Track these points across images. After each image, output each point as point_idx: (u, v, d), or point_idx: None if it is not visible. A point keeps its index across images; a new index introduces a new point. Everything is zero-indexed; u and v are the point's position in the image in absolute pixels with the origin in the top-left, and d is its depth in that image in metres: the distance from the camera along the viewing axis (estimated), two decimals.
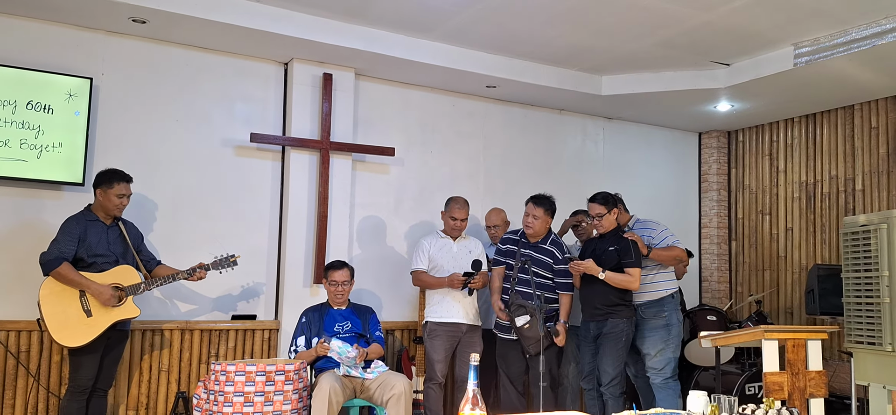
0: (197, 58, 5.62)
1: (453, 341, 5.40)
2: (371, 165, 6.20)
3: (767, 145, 7.65)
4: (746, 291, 7.73)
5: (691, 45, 5.84)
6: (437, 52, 5.89)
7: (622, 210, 5.49)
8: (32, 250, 4.88)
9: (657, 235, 5.39)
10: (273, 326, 5.72)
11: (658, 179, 7.78)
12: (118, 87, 5.35)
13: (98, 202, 4.75)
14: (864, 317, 5.29)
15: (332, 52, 5.63)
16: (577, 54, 6.11)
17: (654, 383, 5.29)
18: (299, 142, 5.77)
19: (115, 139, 5.31)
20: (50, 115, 5.01)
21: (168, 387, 5.40)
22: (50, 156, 4.99)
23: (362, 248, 6.15)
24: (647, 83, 6.58)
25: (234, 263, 5.03)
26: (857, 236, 5.38)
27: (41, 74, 5.00)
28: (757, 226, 7.71)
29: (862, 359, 5.32)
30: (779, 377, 4.44)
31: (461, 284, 5.29)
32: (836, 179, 7.00)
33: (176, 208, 5.49)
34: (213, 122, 5.66)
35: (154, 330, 5.35)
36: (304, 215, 5.79)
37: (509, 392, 5.35)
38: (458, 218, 5.50)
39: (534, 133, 7.08)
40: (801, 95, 6.66)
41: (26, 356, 4.98)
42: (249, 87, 5.80)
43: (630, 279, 5.08)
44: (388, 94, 6.34)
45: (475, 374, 2.71)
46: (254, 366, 4.50)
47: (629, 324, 5.14)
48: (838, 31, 5.50)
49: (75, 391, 4.65)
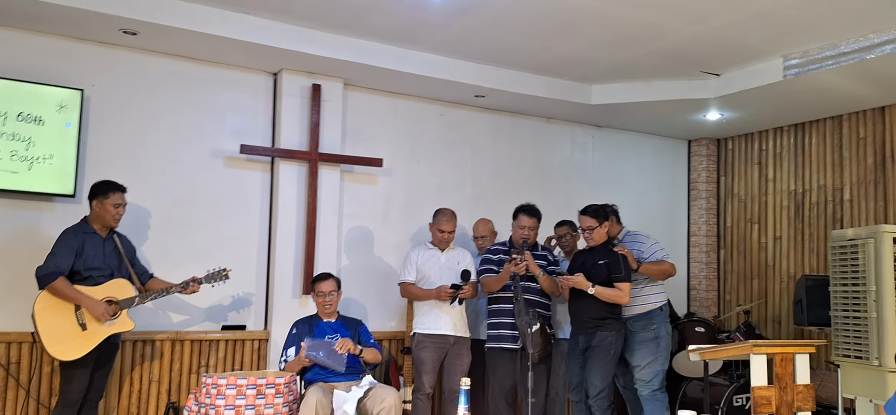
0: (187, 69, 5.62)
1: (441, 352, 5.42)
2: (359, 176, 6.22)
3: (757, 154, 7.69)
4: (734, 300, 7.78)
5: (682, 57, 5.87)
6: (426, 62, 5.91)
7: (615, 222, 5.50)
8: (24, 262, 4.89)
9: (647, 248, 5.40)
10: (263, 336, 5.73)
11: (647, 187, 7.81)
12: (109, 99, 5.35)
13: (94, 214, 4.75)
14: (852, 331, 5.34)
15: (321, 63, 5.65)
16: (567, 65, 6.14)
17: (641, 395, 5.32)
18: (288, 153, 5.78)
19: (106, 151, 5.31)
20: (41, 126, 5.00)
21: (158, 398, 5.41)
22: (41, 167, 4.99)
23: (350, 258, 6.16)
24: (637, 92, 6.61)
25: (225, 277, 5.05)
26: (846, 250, 5.43)
27: (32, 86, 4.99)
28: (745, 234, 7.75)
29: (849, 372, 5.37)
30: (767, 391, 4.46)
31: (449, 297, 5.30)
32: (825, 189, 7.04)
33: (167, 219, 5.50)
34: (204, 133, 5.67)
35: (144, 341, 5.36)
36: (292, 226, 5.80)
37: (499, 404, 5.37)
38: (445, 230, 5.51)
39: (522, 142, 7.10)
40: (789, 105, 6.70)
41: (17, 368, 4.98)
42: (239, 97, 5.81)
43: (620, 294, 5.10)
44: (376, 104, 6.36)
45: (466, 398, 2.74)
46: (245, 379, 4.51)
47: (618, 337, 5.16)
48: (827, 45, 5.54)
49: (66, 404, 4.65)
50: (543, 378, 5.44)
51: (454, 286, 5.29)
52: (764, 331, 7.31)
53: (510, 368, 5.35)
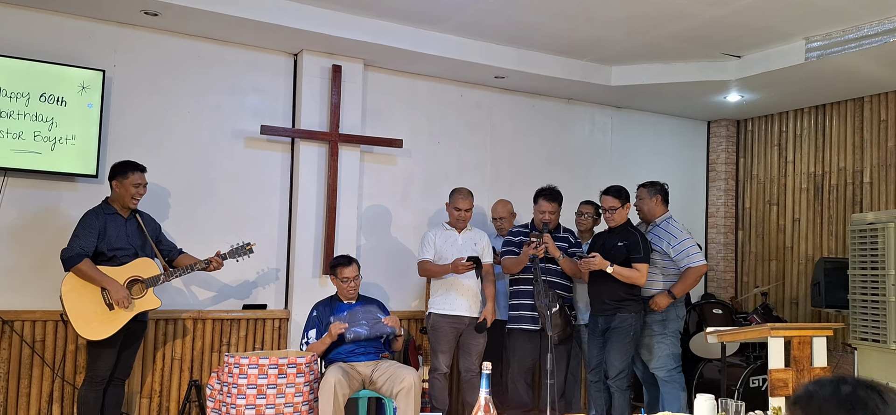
0: (208, 50, 5.64)
1: (456, 332, 5.44)
2: (379, 157, 6.24)
3: (776, 135, 7.65)
4: (752, 282, 7.77)
5: (703, 38, 5.83)
6: (447, 43, 5.90)
7: (661, 202, 5.48)
8: (48, 242, 4.95)
9: (675, 246, 5.30)
10: (283, 315, 5.79)
11: (666, 168, 7.77)
12: (130, 80, 5.38)
13: (115, 194, 4.79)
14: (870, 314, 5.33)
15: (341, 43, 5.65)
16: (588, 46, 6.11)
17: (658, 377, 5.34)
18: (308, 134, 5.80)
19: (127, 131, 5.35)
20: (63, 107, 5.04)
21: (181, 375, 5.48)
22: (63, 148, 5.03)
23: (369, 239, 6.20)
24: (657, 74, 6.58)
25: (249, 251, 5.09)
26: (865, 234, 5.41)
27: (54, 67, 5.02)
28: (764, 216, 7.73)
29: (866, 355, 5.37)
30: (784, 374, 4.47)
31: (466, 269, 5.29)
32: (845, 171, 7.00)
33: (187, 199, 5.54)
34: (224, 113, 5.70)
35: (167, 319, 5.42)
36: (313, 207, 5.83)
37: (518, 385, 5.41)
38: (461, 208, 5.51)
39: (541, 123, 7.09)
40: (811, 87, 6.65)
41: (42, 346, 5.05)
42: (260, 78, 5.82)
43: (638, 275, 5.11)
44: (396, 85, 6.36)
45: (487, 382, 2.76)
46: (266, 359, 4.57)
47: (637, 319, 5.18)
48: (850, 27, 5.49)
49: (93, 382, 4.72)
50: (563, 360, 5.47)
51: (470, 258, 5.29)
52: (781, 313, 7.31)
53: (530, 349, 5.38)
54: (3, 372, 4.95)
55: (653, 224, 5.45)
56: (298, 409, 4.63)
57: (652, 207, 5.46)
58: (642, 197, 5.50)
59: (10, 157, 4.88)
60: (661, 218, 5.47)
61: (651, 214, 5.47)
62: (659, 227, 5.42)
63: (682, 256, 5.28)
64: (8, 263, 4.99)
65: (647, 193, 5.46)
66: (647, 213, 5.50)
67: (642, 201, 5.51)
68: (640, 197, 5.52)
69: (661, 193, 5.48)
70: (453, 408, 6.04)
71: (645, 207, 5.50)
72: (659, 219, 5.47)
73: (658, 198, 5.45)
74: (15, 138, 4.90)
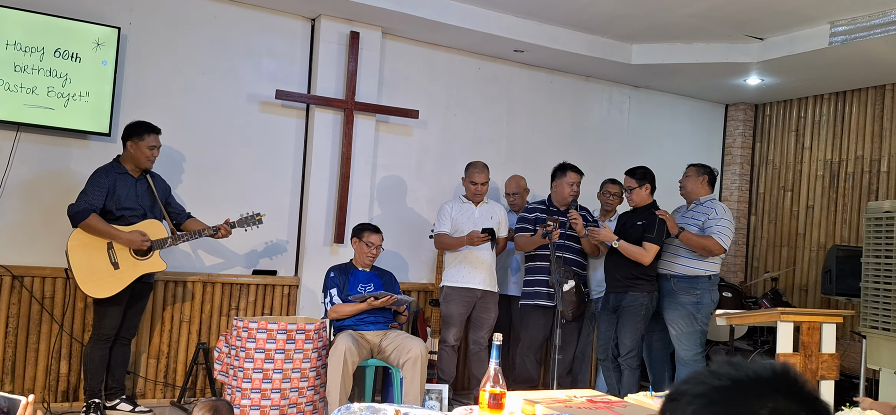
0: (224, 11, 5.58)
1: (468, 305, 5.43)
2: (394, 127, 6.18)
3: (794, 121, 7.57)
4: (762, 267, 7.72)
5: (726, 18, 5.75)
6: (467, 14, 5.82)
7: (706, 183, 5.42)
8: (58, 198, 4.93)
9: (708, 221, 5.24)
10: (293, 282, 5.77)
11: (682, 150, 7.71)
12: (146, 38, 5.33)
13: (128, 154, 4.76)
14: (882, 302, 5.29)
15: (359, 10, 5.58)
16: (609, 22, 6.03)
17: (682, 357, 5.25)
18: (324, 100, 5.75)
19: (141, 90, 5.31)
20: (77, 63, 4.99)
21: (188, 337, 5.47)
22: (77, 105, 4.99)
23: (383, 209, 6.16)
24: (677, 54, 6.50)
25: (258, 222, 5.06)
26: (881, 222, 5.35)
27: (69, 22, 4.97)
28: (778, 202, 7.67)
29: (875, 343, 5.33)
30: (792, 359, 4.47)
31: (481, 241, 5.25)
32: (862, 160, 6.93)
33: (201, 162, 5.51)
34: (240, 76, 5.64)
35: (177, 282, 5.41)
36: (326, 174, 5.79)
37: (527, 360, 5.40)
38: (478, 182, 5.48)
39: (559, 99, 7.02)
40: (832, 73, 6.56)
41: (51, 302, 5.05)
42: (276, 42, 5.76)
43: (642, 253, 5.08)
44: (414, 55, 6.29)
45: (497, 353, 2.76)
46: (275, 324, 4.56)
47: (650, 299, 5.15)
48: (877, 12, 5.40)
49: (98, 339, 4.73)
50: (573, 336, 5.46)
51: (485, 230, 5.25)
52: (790, 299, 7.27)
53: (542, 324, 5.38)
54: (13, 327, 4.95)
55: (696, 202, 5.40)
56: (306, 374, 4.63)
57: (697, 186, 5.40)
58: (689, 175, 5.45)
59: (22, 111, 4.84)
60: (706, 197, 5.42)
61: (694, 193, 5.41)
62: (702, 204, 5.36)
63: (713, 225, 5.20)
64: (18, 218, 4.97)
65: (695, 171, 5.42)
66: (689, 191, 5.44)
67: (688, 179, 5.45)
68: (688, 175, 5.47)
69: (708, 175, 5.44)
70: (460, 381, 6.04)
71: (688, 186, 5.44)
72: (704, 198, 5.41)
73: (705, 178, 5.41)
74: (28, 93, 4.86)
